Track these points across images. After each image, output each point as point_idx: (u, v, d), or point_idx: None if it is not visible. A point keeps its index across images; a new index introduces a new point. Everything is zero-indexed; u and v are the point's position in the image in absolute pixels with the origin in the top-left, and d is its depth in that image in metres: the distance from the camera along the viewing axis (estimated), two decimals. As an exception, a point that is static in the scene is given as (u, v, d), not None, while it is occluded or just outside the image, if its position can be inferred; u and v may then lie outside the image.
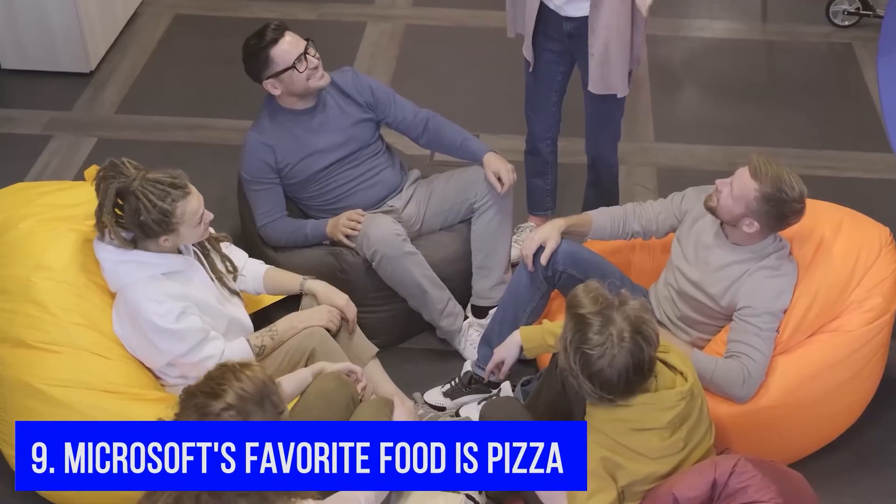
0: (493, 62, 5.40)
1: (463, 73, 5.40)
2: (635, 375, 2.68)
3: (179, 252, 3.27)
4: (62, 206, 3.56)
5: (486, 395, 3.66)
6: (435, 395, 3.69)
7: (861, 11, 5.76)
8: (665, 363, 2.83)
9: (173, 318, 3.13)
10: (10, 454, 3.30)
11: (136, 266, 3.17)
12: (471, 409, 3.63)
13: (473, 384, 3.66)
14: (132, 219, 3.06)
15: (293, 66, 3.68)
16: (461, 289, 3.91)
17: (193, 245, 3.34)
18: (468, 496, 3.18)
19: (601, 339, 2.65)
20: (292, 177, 3.84)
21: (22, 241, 3.43)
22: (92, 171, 3.81)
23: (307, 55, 3.70)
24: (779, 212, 3.18)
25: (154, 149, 4.94)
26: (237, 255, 3.55)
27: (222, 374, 2.41)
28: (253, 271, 3.55)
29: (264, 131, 3.82)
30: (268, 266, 3.60)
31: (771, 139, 5.04)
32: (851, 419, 3.52)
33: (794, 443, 3.42)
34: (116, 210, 3.11)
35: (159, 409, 3.15)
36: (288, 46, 3.69)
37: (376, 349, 3.55)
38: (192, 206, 3.10)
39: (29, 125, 5.11)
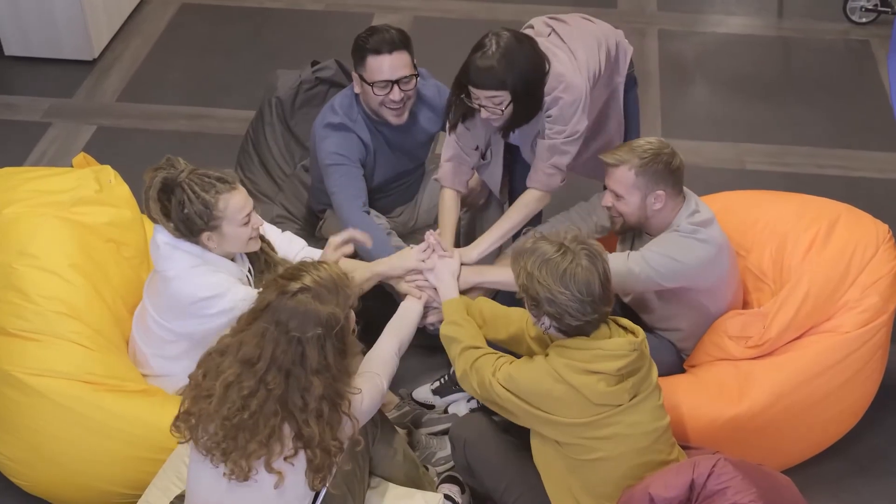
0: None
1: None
2: (605, 280, 2.71)
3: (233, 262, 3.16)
4: (49, 192, 3.52)
5: (476, 393, 3.58)
6: (423, 393, 3.62)
7: (879, 8, 5.65)
8: (615, 323, 2.83)
9: (213, 290, 3.02)
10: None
11: (189, 256, 3.05)
12: (459, 407, 3.57)
13: (462, 381, 3.59)
14: (177, 212, 2.98)
15: (371, 84, 3.44)
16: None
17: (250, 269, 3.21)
18: (447, 496, 3.12)
19: (557, 247, 2.72)
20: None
21: (6, 226, 3.40)
22: (80, 158, 3.79)
23: (397, 85, 3.43)
24: (661, 164, 3.14)
25: (153, 137, 4.91)
26: (295, 246, 3.38)
27: (302, 265, 2.71)
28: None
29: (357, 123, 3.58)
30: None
31: (782, 137, 4.95)
32: (848, 425, 3.43)
33: (788, 449, 3.33)
34: (162, 201, 3.02)
35: (140, 400, 3.14)
36: (381, 65, 3.40)
37: (361, 345, 3.45)
38: (236, 202, 3.00)
39: (29, 112, 5.08)
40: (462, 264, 3.36)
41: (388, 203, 3.81)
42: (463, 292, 3.33)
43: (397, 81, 3.43)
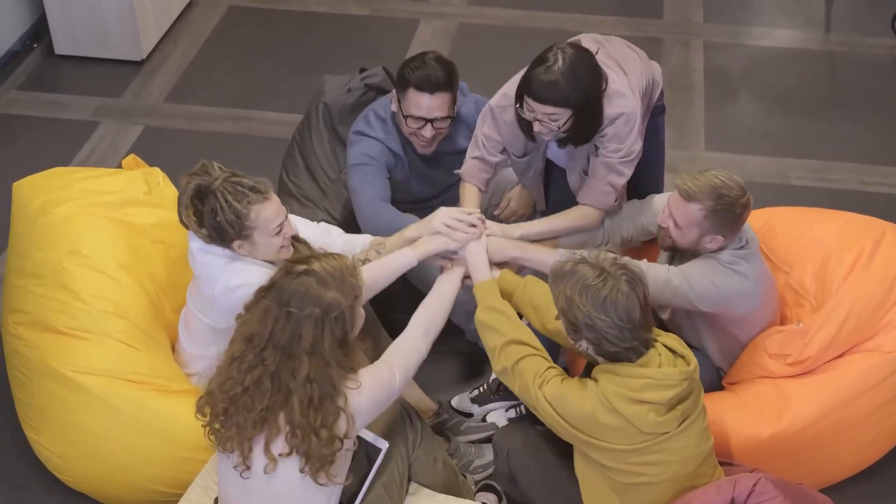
0: (546, 64, 5.32)
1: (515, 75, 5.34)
2: (645, 306, 2.68)
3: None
4: (99, 192, 3.57)
5: (515, 402, 3.59)
6: (462, 401, 3.64)
7: (928, 24, 5.61)
8: (666, 346, 2.78)
9: (243, 279, 3.00)
10: (36, 439, 3.31)
11: (222, 258, 3.07)
12: (498, 416, 3.58)
13: (502, 390, 3.60)
14: (209, 219, 2.98)
15: (406, 116, 3.47)
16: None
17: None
18: (484, 505, 3.14)
19: (597, 272, 2.69)
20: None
21: (57, 225, 3.44)
22: (130, 160, 3.84)
23: (431, 124, 3.46)
24: (732, 215, 3.08)
25: (199, 139, 4.95)
26: (333, 234, 3.34)
27: (313, 253, 2.79)
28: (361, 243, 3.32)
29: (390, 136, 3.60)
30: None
31: (825, 152, 4.92)
32: (889, 445, 3.40)
33: (828, 468, 3.32)
34: (195, 208, 3.03)
35: (183, 400, 3.18)
36: (420, 102, 3.43)
37: (363, 345, 3.44)
38: (268, 212, 2.98)
39: (78, 111, 5.15)
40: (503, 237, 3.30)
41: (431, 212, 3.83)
42: (499, 264, 3.23)
43: (432, 120, 3.45)
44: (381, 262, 3.13)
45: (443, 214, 3.22)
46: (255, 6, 5.99)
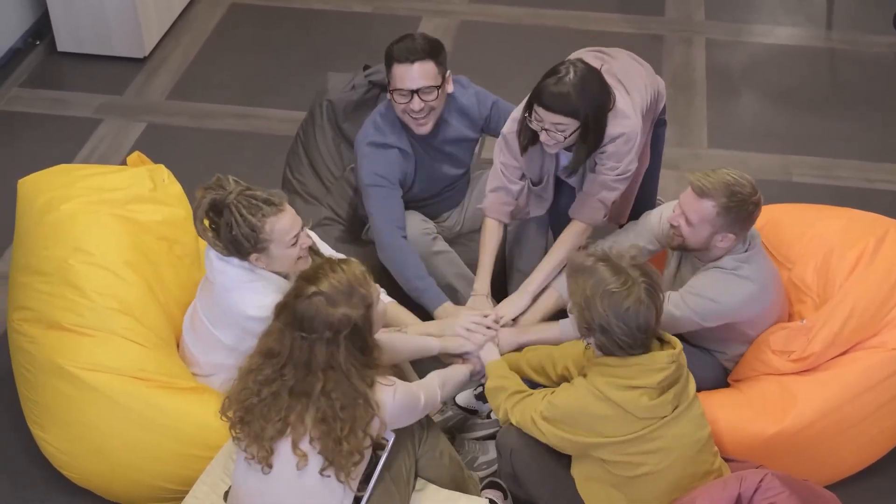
0: (550, 62, 5.27)
1: (518, 73, 5.31)
2: (659, 314, 2.73)
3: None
4: (104, 189, 3.56)
5: (519, 399, 3.59)
6: (467, 398, 3.63)
7: (929, 21, 5.62)
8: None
9: (264, 312, 2.95)
10: (41, 435, 3.31)
11: (242, 270, 3.07)
12: (503, 413, 3.58)
13: (506, 387, 3.60)
14: (225, 233, 2.99)
15: (391, 92, 3.47)
16: (501, 290, 3.83)
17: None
18: (491, 501, 3.14)
19: (621, 278, 2.70)
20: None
21: (62, 223, 3.44)
22: (135, 157, 3.84)
23: (418, 95, 3.42)
24: (744, 213, 3.10)
25: (202, 136, 4.95)
26: None
27: (322, 264, 2.76)
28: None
29: (400, 138, 3.59)
30: (390, 299, 3.40)
31: (829, 149, 4.92)
32: (892, 443, 3.40)
33: (832, 465, 3.32)
34: (210, 222, 3.04)
35: (190, 398, 3.18)
36: (403, 74, 3.40)
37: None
38: (283, 224, 2.99)
39: (80, 108, 5.14)
40: (504, 324, 3.40)
41: (436, 209, 3.84)
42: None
43: (417, 91, 3.43)
44: (408, 337, 3.25)
45: (465, 319, 3.34)
46: (257, 4, 5.99)
